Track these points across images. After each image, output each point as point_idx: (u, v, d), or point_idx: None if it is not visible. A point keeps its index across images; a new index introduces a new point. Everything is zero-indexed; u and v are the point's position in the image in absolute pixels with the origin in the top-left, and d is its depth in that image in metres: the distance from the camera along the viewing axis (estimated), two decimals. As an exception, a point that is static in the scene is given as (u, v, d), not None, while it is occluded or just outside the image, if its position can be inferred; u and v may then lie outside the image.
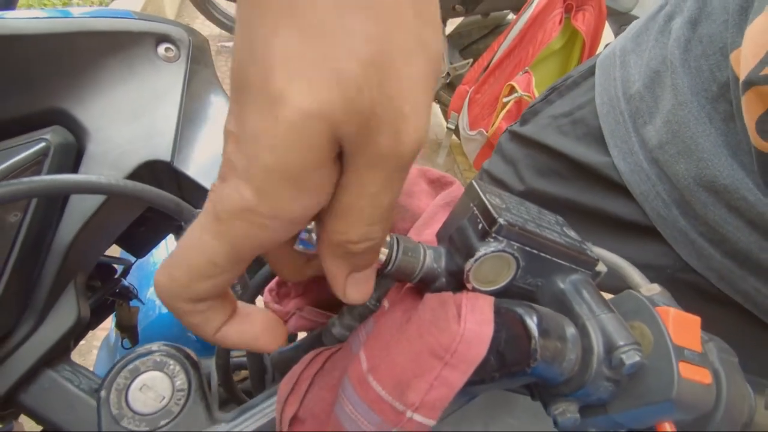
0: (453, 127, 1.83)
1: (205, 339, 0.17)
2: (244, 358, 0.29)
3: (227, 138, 0.15)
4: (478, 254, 0.19)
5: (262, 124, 0.14)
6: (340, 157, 0.15)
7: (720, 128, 0.34)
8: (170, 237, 0.95)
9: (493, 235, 0.19)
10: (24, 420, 0.40)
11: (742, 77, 0.30)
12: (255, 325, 0.18)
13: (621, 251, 0.24)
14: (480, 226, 0.19)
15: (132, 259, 0.52)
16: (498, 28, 1.92)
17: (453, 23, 2.00)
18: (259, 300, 0.39)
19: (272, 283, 0.29)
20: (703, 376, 0.18)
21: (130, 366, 0.21)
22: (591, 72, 0.45)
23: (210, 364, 0.32)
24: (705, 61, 0.34)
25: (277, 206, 0.14)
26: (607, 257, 0.25)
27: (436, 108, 2.37)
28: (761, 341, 0.37)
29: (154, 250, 0.95)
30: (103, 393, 0.20)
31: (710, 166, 0.34)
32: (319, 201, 0.15)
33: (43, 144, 0.29)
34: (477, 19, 1.93)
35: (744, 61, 0.30)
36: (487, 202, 0.20)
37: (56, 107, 0.31)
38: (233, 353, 0.32)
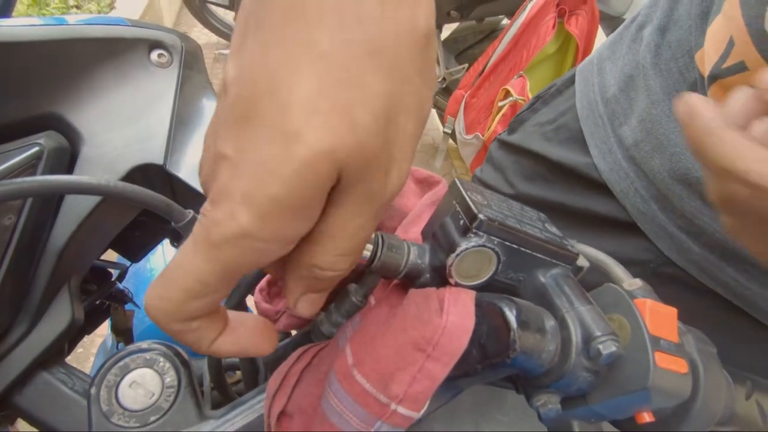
0: (449, 132, 1.84)
1: (201, 353, 0.18)
2: (237, 359, 0.29)
3: (220, 162, 0.15)
4: (459, 249, 0.19)
5: (274, 156, 0.14)
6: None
7: None
8: (166, 242, 0.95)
9: (474, 230, 0.19)
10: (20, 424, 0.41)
11: (706, 73, 0.32)
12: (247, 333, 0.19)
13: (605, 248, 0.25)
14: (461, 222, 0.20)
15: (127, 263, 0.52)
16: (493, 33, 1.93)
17: (448, 29, 2.02)
18: (251, 300, 0.39)
19: (262, 283, 0.29)
20: (679, 366, 0.18)
21: (121, 363, 0.21)
22: (572, 80, 0.48)
23: (202, 365, 0.32)
24: (674, 64, 0.36)
25: (275, 232, 0.15)
26: (590, 253, 0.25)
27: (433, 112, 2.38)
28: (744, 331, 0.38)
29: (150, 256, 0.96)
30: (93, 390, 0.21)
31: (682, 159, 0.35)
32: (311, 225, 0.16)
33: (36, 148, 0.29)
34: (472, 25, 1.95)
35: (707, 59, 0.32)
36: (468, 199, 0.20)
37: (51, 112, 0.32)
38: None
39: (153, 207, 0.23)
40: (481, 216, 0.19)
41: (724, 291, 0.37)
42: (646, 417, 0.18)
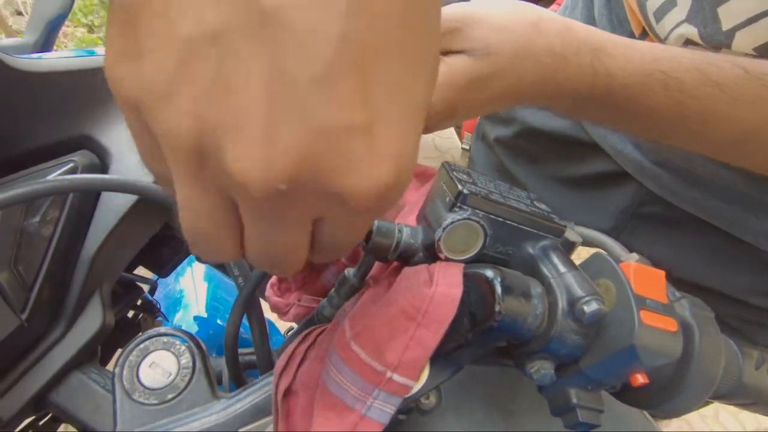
0: (468, 148, 1.85)
1: None
2: (254, 357, 0.31)
3: (349, 137, 0.12)
4: (445, 223, 0.20)
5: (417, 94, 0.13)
6: None
7: None
8: (195, 265, 0.99)
9: (459, 204, 0.21)
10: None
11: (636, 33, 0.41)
12: None
13: (601, 202, 0.34)
14: (447, 199, 0.21)
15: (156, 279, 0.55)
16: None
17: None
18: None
19: (274, 278, 0.31)
20: (668, 324, 0.18)
21: (141, 346, 0.23)
22: None
23: (221, 363, 0.34)
24: (615, 17, 0.44)
25: None
26: (588, 233, 0.26)
27: (452, 131, 2.40)
28: (715, 245, 0.44)
29: (180, 278, 0.99)
30: (117, 369, 0.23)
31: None
32: None
33: (71, 164, 0.32)
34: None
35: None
36: (454, 178, 0.22)
37: (84, 134, 0.35)
38: (242, 350, 0.34)
39: (169, 202, 0.25)
40: (464, 190, 0.20)
41: (694, 209, 0.43)
42: (640, 378, 0.19)
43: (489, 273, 0.19)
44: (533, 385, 0.21)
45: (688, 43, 0.37)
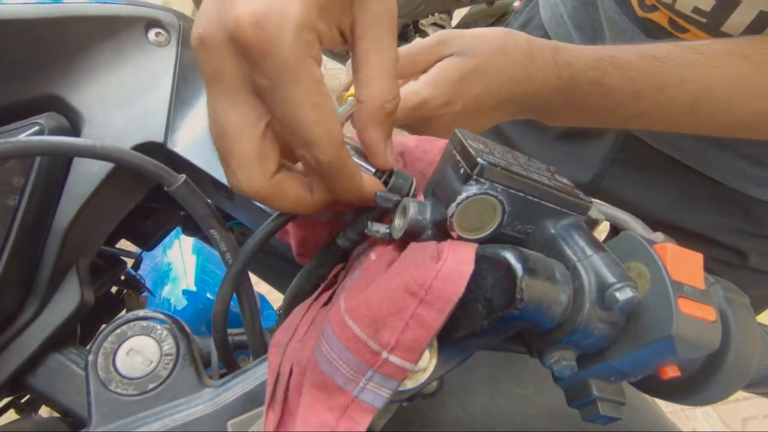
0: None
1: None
2: (245, 337, 0.29)
3: None
4: (459, 198, 0.18)
5: None
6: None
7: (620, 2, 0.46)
8: (183, 238, 0.96)
9: (475, 177, 0.18)
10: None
11: None
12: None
13: (585, 151, 0.42)
14: (462, 170, 0.19)
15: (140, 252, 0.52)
16: (504, 16, 1.89)
17: (459, 14, 1.98)
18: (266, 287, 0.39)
19: (296, 248, 0.28)
20: (706, 313, 0.16)
21: (118, 331, 0.21)
22: (526, 5, 0.60)
23: (209, 343, 0.32)
24: None
25: None
26: (610, 212, 0.24)
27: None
28: (688, 186, 0.48)
29: (168, 251, 0.96)
30: (90, 357, 0.20)
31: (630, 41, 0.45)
32: None
33: (36, 128, 0.29)
34: (482, 8, 1.91)
35: None
36: (468, 147, 0.19)
37: (50, 93, 0.32)
38: (232, 330, 0.32)
39: (144, 169, 0.22)
40: (481, 161, 0.18)
41: (668, 148, 0.47)
42: (670, 372, 0.17)
43: (509, 254, 0.17)
44: (542, 367, 0.19)
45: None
